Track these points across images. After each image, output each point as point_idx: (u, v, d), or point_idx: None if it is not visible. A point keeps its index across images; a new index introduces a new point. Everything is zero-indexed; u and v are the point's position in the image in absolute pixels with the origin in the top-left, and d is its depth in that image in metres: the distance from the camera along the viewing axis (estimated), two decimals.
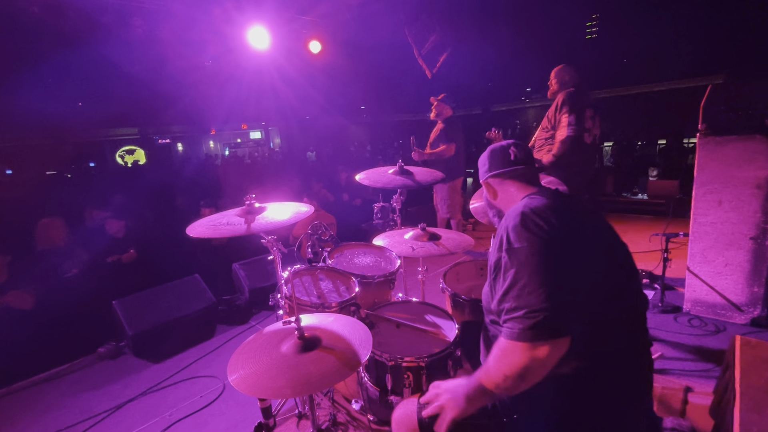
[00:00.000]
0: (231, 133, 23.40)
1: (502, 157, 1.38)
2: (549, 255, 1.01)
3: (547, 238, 1.03)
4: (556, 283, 0.99)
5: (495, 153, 1.40)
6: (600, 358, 1.06)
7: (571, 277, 1.02)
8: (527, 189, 1.31)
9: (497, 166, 1.38)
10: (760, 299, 2.80)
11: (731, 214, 2.80)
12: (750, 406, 1.46)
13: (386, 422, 1.78)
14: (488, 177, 1.40)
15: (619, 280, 1.12)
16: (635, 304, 1.14)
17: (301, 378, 1.27)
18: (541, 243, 1.02)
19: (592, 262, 1.06)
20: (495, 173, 1.38)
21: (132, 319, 3.11)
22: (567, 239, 1.05)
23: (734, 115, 2.69)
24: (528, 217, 1.08)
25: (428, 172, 2.50)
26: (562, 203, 1.17)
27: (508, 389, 1.02)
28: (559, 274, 1.01)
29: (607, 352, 1.07)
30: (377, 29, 6.00)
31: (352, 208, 6.19)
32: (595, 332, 1.04)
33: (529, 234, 1.04)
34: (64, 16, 4.25)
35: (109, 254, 3.72)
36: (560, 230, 1.05)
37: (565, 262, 1.03)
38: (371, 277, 2.18)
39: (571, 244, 1.05)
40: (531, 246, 1.03)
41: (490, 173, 1.39)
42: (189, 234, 1.50)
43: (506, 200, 1.36)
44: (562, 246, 1.04)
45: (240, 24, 5.16)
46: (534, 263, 1.01)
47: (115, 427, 2.38)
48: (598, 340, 1.05)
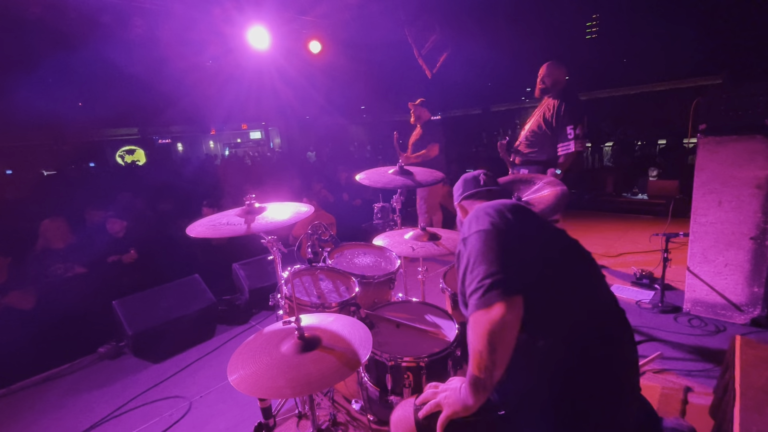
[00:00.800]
0: (231, 133, 23.39)
1: (473, 183, 1.59)
2: (498, 237, 1.10)
3: (498, 224, 1.13)
4: (503, 253, 1.08)
5: (467, 180, 1.62)
6: (572, 352, 1.07)
7: (518, 252, 1.10)
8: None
9: (468, 189, 1.59)
10: (760, 299, 2.80)
11: (731, 214, 2.80)
12: (750, 406, 1.46)
13: (386, 422, 1.78)
14: (461, 200, 1.59)
15: (576, 276, 1.18)
16: (598, 300, 1.18)
17: (301, 378, 1.27)
18: (492, 228, 1.12)
19: (543, 253, 1.14)
20: (466, 194, 1.58)
21: (132, 319, 3.11)
22: (518, 231, 1.14)
23: (734, 115, 2.69)
24: (482, 209, 1.19)
25: (428, 172, 2.51)
26: (521, 208, 1.25)
27: (489, 367, 1.02)
28: (506, 248, 1.09)
29: (579, 348, 1.08)
30: (377, 29, 6.01)
31: (352, 208, 6.19)
32: (555, 316, 1.09)
33: (475, 224, 1.15)
34: (64, 16, 4.25)
35: (110, 254, 3.73)
36: (512, 223, 1.15)
37: (507, 238, 1.11)
38: (371, 277, 2.18)
39: (521, 235, 1.14)
40: (478, 232, 1.13)
41: (462, 196, 1.59)
42: (189, 234, 1.50)
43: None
44: (512, 234, 1.13)
45: (240, 24, 5.16)
46: (483, 242, 1.10)
47: (115, 427, 2.38)
48: (563, 330, 1.08)
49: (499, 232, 1.12)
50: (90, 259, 3.62)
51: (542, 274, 1.11)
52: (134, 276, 3.67)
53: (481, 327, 1.02)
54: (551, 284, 1.11)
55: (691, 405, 2.13)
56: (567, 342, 1.07)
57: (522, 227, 1.17)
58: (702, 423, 1.96)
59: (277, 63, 6.76)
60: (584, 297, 1.16)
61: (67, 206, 4.34)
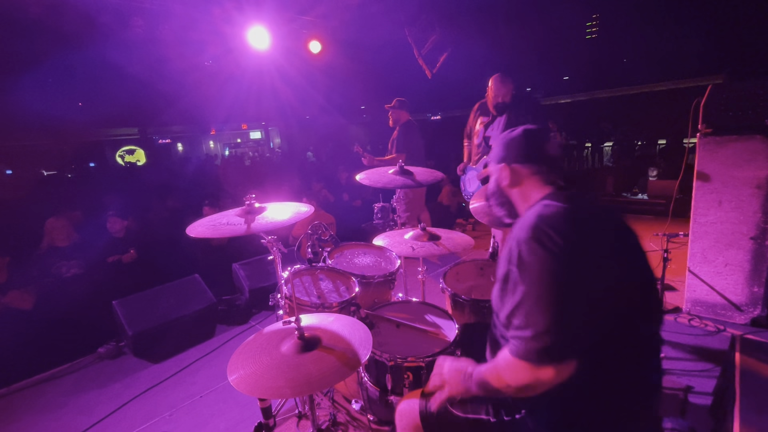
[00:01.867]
0: (231, 133, 23.38)
1: (541, 147, 1.23)
2: (561, 274, 0.95)
3: (559, 254, 0.96)
4: (566, 305, 0.95)
5: (535, 138, 1.24)
6: (604, 372, 1.02)
7: (583, 298, 0.96)
8: (544, 188, 1.20)
9: (534, 156, 1.22)
10: (760, 299, 2.80)
11: (731, 214, 2.80)
12: (750, 406, 1.46)
13: (386, 422, 1.78)
14: (516, 163, 1.24)
15: (634, 298, 1.04)
16: (649, 325, 1.08)
17: (301, 378, 1.27)
18: (553, 260, 0.96)
19: (608, 278, 0.99)
20: (528, 164, 1.22)
21: (132, 319, 3.11)
22: (581, 255, 0.98)
23: (734, 115, 2.69)
24: (540, 230, 0.99)
25: (428, 172, 2.50)
26: (579, 210, 1.07)
27: (507, 394, 1.04)
28: (570, 295, 0.95)
29: (611, 368, 1.02)
30: (377, 29, 6.00)
31: (352, 208, 6.19)
32: (601, 350, 1.00)
33: (540, 249, 0.97)
34: (64, 16, 4.25)
35: (110, 254, 3.72)
36: (575, 245, 0.98)
37: (578, 281, 0.96)
38: (371, 277, 2.18)
39: (585, 261, 0.98)
40: (542, 263, 0.96)
41: (520, 161, 1.23)
42: (189, 234, 1.50)
43: (522, 195, 1.25)
44: (576, 263, 0.97)
45: (240, 24, 5.16)
46: (544, 283, 0.96)
47: (115, 427, 2.38)
48: (603, 357, 1.01)
49: (570, 269, 0.96)
50: (90, 259, 3.62)
51: (606, 337, 0.98)
52: (134, 276, 3.67)
53: (522, 375, 0.98)
54: (611, 350, 1.00)
55: (691, 405, 2.13)
56: (598, 374, 1.02)
57: (586, 251, 0.99)
58: (702, 423, 1.96)
59: (277, 63, 6.75)
60: (639, 357, 1.05)
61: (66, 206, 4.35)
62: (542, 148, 1.23)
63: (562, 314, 0.94)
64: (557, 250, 0.96)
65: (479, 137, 3.65)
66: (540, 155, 1.22)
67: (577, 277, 0.96)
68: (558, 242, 0.97)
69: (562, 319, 0.94)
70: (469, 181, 3.80)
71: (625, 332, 1.01)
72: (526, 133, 1.25)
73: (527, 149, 1.23)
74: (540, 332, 0.94)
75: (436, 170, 2.54)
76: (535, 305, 0.96)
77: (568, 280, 0.96)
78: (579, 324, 0.95)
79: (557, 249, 0.96)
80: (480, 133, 3.64)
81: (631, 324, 1.02)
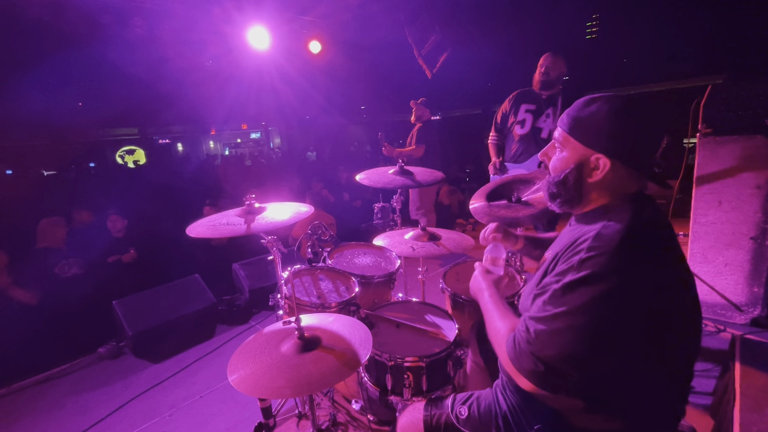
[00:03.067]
0: (231, 133, 23.39)
1: (652, 144, 0.96)
2: (613, 320, 0.83)
3: (627, 298, 0.83)
4: (591, 356, 0.84)
5: (647, 128, 0.95)
6: (626, 398, 0.94)
7: (616, 353, 0.85)
8: (619, 196, 0.99)
9: (642, 155, 0.96)
10: (760, 299, 2.80)
11: (731, 214, 2.80)
12: (750, 406, 1.46)
13: (386, 422, 1.78)
14: (620, 159, 0.95)
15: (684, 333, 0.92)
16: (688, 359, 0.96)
17: (301, 378, 1.27)
18: (615, 305, 0.83)
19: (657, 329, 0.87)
20: (634, 165, 0.96)
21: (132, 319, 3.11)
22: (648, 302, 0.85)
23: (734, 115, 2.68)
24: (618, 259, 0.84)
25: (428, 172, 2.50)
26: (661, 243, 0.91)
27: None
28: (604, 347, 0.84)
29: (634, 395, 0.93)
30: (377, 29, 6.00)
31: (352, 208, 6.19)
32: (625, 379, 0.90)
33: (608, 285, 0.83)
34: (64, 16, 4.25)
35: (110, 254, 3.72)
36: (647, 289, 0.84)
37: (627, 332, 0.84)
38: (371, 277, 2.18)
39: (647, 309, 0.85)
40: (601, 302, 0.83)
41: (627, 158, 0.95)
42: (189, 234, 1.50)
43: (597, 195, 1.01)
44: (637, 312, 0.84)
45: (240, 24, 5.16)
46: (588, 321, 0.83)
47: (115, 427, 2.38)
48: (626, 385, 0.92)
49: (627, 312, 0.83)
50: (90, 259, 3.62)
51: (635, 367, 0.88)
52: (134, 276, 3.67)
53: (508, 366, 0.95)
54: (636, 378, 0.90)
55: (691, 405, 2.13)
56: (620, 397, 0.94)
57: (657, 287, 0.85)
58: (702, 423, 1.96)
59: (277, 63, 6.76)
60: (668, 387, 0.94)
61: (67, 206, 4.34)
62: (650, 153, 0.96)
63: (582, 361, 0.85)
64: (630, 273, 0.83)
65: (526, 127, 3.16)
66: (651, 159, 0.96)
67: (630, 328, 0.84)
68: (630, 285, 0.83)
69: (577, 364, 0.85)
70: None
71: (656, 364, 0.91)
72: (648, 122, 0.95)
73: (644, 151, 0.96)
74: (543, 358, 0.87)
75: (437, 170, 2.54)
76: (560, 332, 0.85)
77: (620, 316, 0.83)
78: (606, 357, 0.85)
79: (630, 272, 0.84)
80: (527, 123, 3.15)
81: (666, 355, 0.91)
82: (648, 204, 0.96)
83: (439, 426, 1.21)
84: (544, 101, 3.14)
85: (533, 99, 3.19)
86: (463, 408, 1.21)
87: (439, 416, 1.23)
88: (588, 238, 0.90)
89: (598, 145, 0.96)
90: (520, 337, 0.93)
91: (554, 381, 0.88)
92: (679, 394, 0.97)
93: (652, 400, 0.93)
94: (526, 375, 0.90)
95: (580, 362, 0.85)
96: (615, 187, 0.98)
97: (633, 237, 0.87)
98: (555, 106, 3.08)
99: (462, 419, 1.18)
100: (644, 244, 0.88)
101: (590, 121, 0.97)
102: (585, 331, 0.84)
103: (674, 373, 0.94)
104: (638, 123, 0.95)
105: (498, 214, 1.90)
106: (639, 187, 0.99)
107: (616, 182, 0.98)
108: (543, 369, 0.87)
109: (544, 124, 3.11)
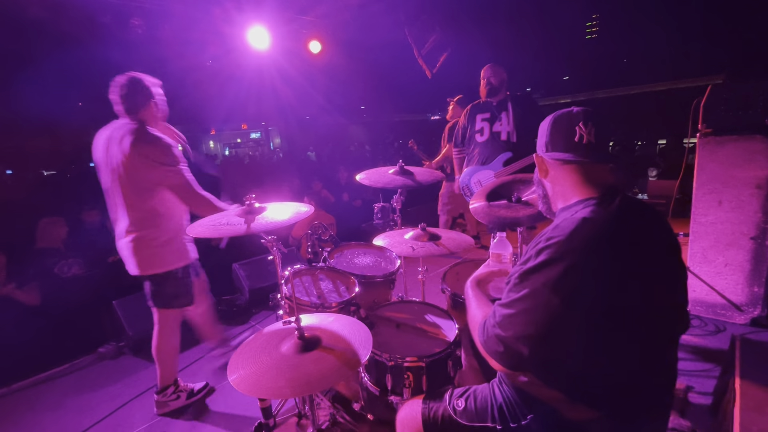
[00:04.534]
0: (231, 133, 23.41)
1: (565, 133, 1.05)
2: (562, 305, 0.89)
3: (576, 286, 0.89)
4: (543, 337, 0.92)
5: (558, 124, 1.08)
6: (611, 380, 0.98)
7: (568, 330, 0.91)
8: (585, 190, 1.05)
9: (555, 144, 1.07)
10: (760, 299, 2.80)
11: (731, 214, 2.80)
12: (750, 406, 1.46)
13: (386, 422, 1.78)
14: (543, 151, 1.13)
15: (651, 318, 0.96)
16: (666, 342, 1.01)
17: (301, 378, 1.27)
18: (564, 291, 0.89)
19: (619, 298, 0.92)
20: (552, 155, 1.08)
21: (132, 319, 3.11)
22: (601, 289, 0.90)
23: (734, 115, 2.68)
24: (570, 247, 0.90)
25: (428, 172, 2.50)
26: (624, 231, 0.96)
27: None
28: (556, 330, 0.91)
29: (618, 376, 0.97)
30: (377, 29, 6.01)
31: (352, 208, 6.19)
32: (608, 361, 0.95)
33: (559, 273, 0.90)
34: (64, 16, 4.25)
35: (110, 254, 3.72)
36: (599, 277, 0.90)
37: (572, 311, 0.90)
38: (371, 277, 2.18)
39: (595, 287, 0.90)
40: (549, 288, 0.90)
41: (545, 150, 1.11)
42: (189, 234, 1.50)
43: (558, 192, 1.13)
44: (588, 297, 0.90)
45: (240, 24, 5.16)
46: (537, 305, 0.92)
47: (115, 427, 2.38)
48: (609, 366, 0.96)
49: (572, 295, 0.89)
50: (90, 259, 3.62)
51: (611, 349, 0.94)
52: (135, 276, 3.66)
53: (480, 347, 1.08)
54: (617, 358, 0.95)
55: (691, 405, 2.13)
56: (605, 381, 0.97)
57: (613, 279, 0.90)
58: (702, 423, 1.96)
59: (277, 63, 6.76)
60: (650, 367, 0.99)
61: (66, 206, 4.34)
62: (569, 136, 1.04)
63: (538, 333, 0.92)
64: (575, 258, 0.90)
65: (485, 134, 3.44)
66: (569, 143, 1.04)
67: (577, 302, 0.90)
68: (580, 272, 0.90)
69: (531, 344, 0.93)
70: (477, 184, 3.53)
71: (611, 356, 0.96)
72: (554, 117, 1.08)
73: (552, 135, 1.08)
74: (501, 337, 0.98)
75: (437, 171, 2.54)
76: (515, 315, 0.96)
77: (564, 300, 0.90)
78: (550, 354, 0.95)
79: (575, 257, 0.90)
80: (485, 130, 3.43)
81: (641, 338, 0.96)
82: (615, 199, 1.00)
83: (437, 418, 1.23)
84: (495, 107, 3.38)
85: (485, 108, 3.46)
86: (460, 401, 1.23)
87: (437, 409, 1.25)
88: (548, 228, 1.00)
89: (537, 148, 1.16)
90: (489, 322, 1.04)
91: (512, 360, 0.98)
92: (659, 383, 1.01)
93: (626, 390, 0.97)
94: (492, 354, 1.02)
95: (531, 342, 0.93)
96: (568, 182, 1.08)
97: (586, 227, 0.93)
98: (507, 110, 3.32)
99: (459, 411, 1.21)
100: (597, 234, 0.93)
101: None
102: (534, 314, 0.93)
103: (646, 365, 0.98)
104: (546, 122, 1.12)
105: (498, 214, 1.90)
106: (580, 191, 1.06)
107: (564, 176, 1.09)
108: (503, 349, 0.98)
109: (500, 128, 3.36)
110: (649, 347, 0.98)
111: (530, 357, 0.94)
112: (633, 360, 0.97)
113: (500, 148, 3.36)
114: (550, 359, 0.96)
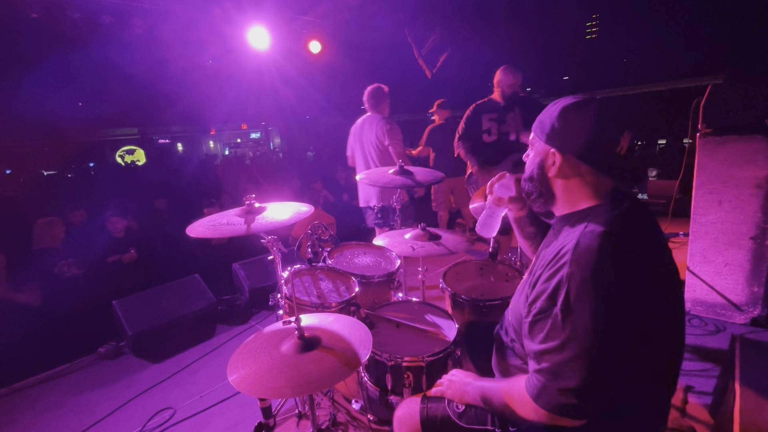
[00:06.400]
0: (231, 133, 23.40)
1: (611, 142, 0.95)
2: (616, 330, 0.84)
3: (621, 304, 0.83)
4: (609, 369, 0.85)
5: (606, 130, 0.95)
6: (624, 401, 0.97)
7: (629, 357, 0.86)
8: (595, 197, 1.00)
9: (596, 150, 0.96)
10: (760, 299, 2.80)
11: (731, 214, 2.80)
12: (750, 406, 1.46)
13: (386, 422, 1.78)
14: (572, 154, 0.98)
15: (673, 338, 0.95)
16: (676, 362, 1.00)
17: (301, 378, 1.27)
18: (613, 314, 0.83)
19: (656, 324, 0.89)
20: (589, 161, 0.97)
21: (132, 319, 3.11)
22: (641, 302, 0.86)
23: (734, 115, 2.68)
24: (603, 268, 0.83)
25: (428, 172, 2.50)
26: (643, 237, 0.92)
27: (507, 417, 1.05)
28: (618, 356, 0.85)
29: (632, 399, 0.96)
30: (377, 29, 6.01)
31: (352, 208, 6.18)
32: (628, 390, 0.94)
33: (600, 298, 0.83)
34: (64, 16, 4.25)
35: (110, 254, 3.73)
36: (637, 290, 0.85)
37: (631, 337, 0.85)
38: (371, 277, 2.18)
39: (643, 308, 0.86)
40: (598, 317, 0.82)
41: (579, 153, 0.97)
42: (189, 234, 1.50)
43: (567, 196, 1.04)
44: (634, 313, 0.85)
45: (240, 24, 5.16)
46: (594, 339, 0.83)
47: (115, 427, 2.38)
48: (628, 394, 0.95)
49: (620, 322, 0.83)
50: (90, 259, 3.62)
51: (639, 370, 0.91)
52: (134, 276, 3.67)
53: (532, 415, 0.94)
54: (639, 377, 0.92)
55: (691, 405, 2.13)
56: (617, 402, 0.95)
57: (646, 295, 0.86)
58: (702, 423, 1.96)
59: (277, 63, 6.76)
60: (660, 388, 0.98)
61: (66, 206, 4.34)
62: (611, 145, 0.95)
63: (600, 379, 0.85)
64: (618, 297, 0.83)
65: (493, 135, 3.37)
66: (610, 153, 0.95)
67: (630, 329, 0.85)
68: (619, 288, 0.84)
69: (598, 384, 0.85)
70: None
71: (655, 369, 0.94)
72: (600, 117, 0.94)
73: (595, 147, 0.96)
74: (571, 389, 0.86)
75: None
76: (573, 360, 0.85)
77: (622, 335, 0.84)
78: (613, 386, 0.88)
79: (618, 296, 0.83)
80: (493, 130, 3.35)
81: (661, 362, 0.95)
82: (624, 199, 0.97)
83: (435, 419, 1.22)
84: (503, 108, 3.33)
85: (492, 108, 3.39)
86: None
87: (435, 409, 1.24)
88: (568, 250, 0.91)
89: (552, 140, 1.01)
90: (537, 378, 0.93)
91: (590, 408, 0.87)
92: (664, 390, 0.99)
93: (638, 398, 0.95)
94: (560, 412, 0.88)
95: (604, 382, 0.86)
96: (583, 186, 1.00)
97: (611, 245, 0.87)
98: (514, 111, 3.29)
99: (458, 413, 1.20)
100: (623, 249, 0.88)
101: (548, 121, 1.02)
102: (597, 351, 0.84)
103: (660, 372, 0.96)
104: (587, 120, 0.96)
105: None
106: (613, 184, 1.00)
107: (580, 180, 1.00)
108: (576, 401, 0.86)
109: (509, 128, 3.30)
110: (677, 355, 0.97)
111: (607, 398, 0.89)
112: (663, 369, 0.95)
113: (509, 149, 3.28)
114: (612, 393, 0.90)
